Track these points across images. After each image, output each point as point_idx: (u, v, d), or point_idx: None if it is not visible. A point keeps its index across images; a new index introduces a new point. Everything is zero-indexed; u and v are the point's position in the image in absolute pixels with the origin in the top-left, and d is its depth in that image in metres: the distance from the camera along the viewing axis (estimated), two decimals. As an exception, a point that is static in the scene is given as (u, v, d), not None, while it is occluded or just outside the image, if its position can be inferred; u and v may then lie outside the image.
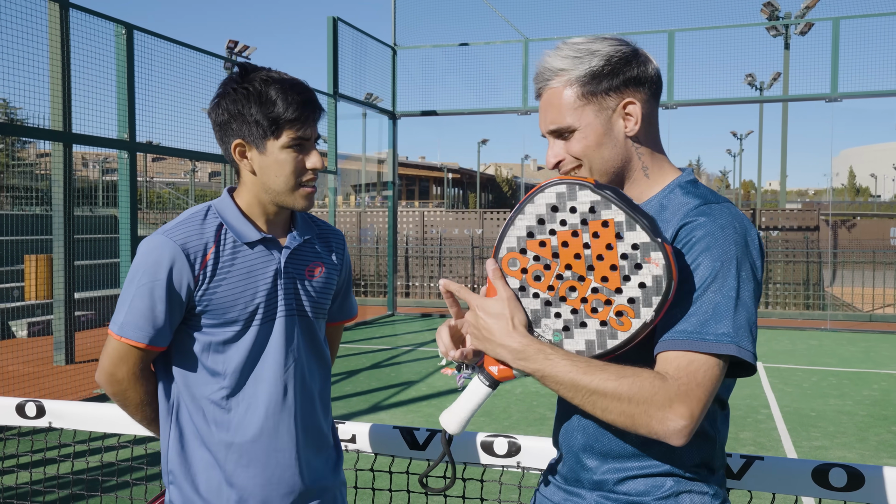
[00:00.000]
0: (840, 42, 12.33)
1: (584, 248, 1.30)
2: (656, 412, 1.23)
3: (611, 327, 1.30)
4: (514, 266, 1.35)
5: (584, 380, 1.27)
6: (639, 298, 1.28)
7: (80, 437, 4.19)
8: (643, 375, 1.26)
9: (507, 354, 1.34)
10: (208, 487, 1.73)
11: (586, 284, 1.31)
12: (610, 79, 1.43)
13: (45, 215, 11.93)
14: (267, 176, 1.72)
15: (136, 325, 1.68)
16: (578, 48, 1.45)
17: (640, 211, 1.29)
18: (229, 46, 27.05)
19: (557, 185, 1.31)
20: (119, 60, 7.86)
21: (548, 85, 1.48)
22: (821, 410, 7.20)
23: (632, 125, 1.44)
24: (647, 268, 1.27)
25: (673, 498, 1.39)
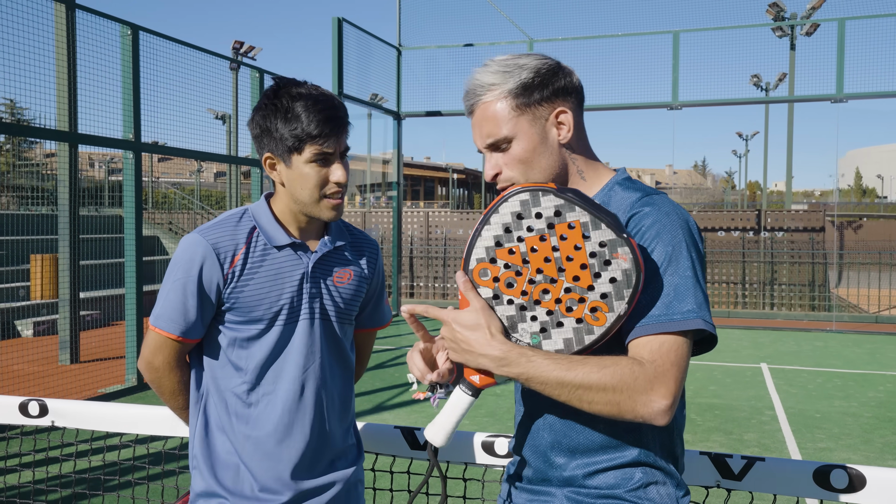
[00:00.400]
0: (846, 42, 12.29)
1: (552, 251, 1.34)
2: (640, 396, 1.29)
3: (586, 323, 1.35)
4: (485, 276, 1.38)
5: (569, 376, 1.31)
6: (611, 293, 1.33)
7: (84, 437, 4.21)
8: (622, 363, 1.31)
9: (489, 363, 1.36)
10: (227, 474, 1.82)
11: (559, 286, 1.35)
12: (540, 90, 1.49)
13: (50, 215, 11.97)
14: (293, 188, 1.79)
15: (170, 317, 1.78)
16: (506, 63, 1.51)
17: (603, 210, 1.35)
18: (235, 47, 27.10)
19: (521, 193, 1.35)
20: (125, 61, 7.89)
21: (480, 100, 1.52)
22: (826, 412, 7.17)
23: (565, 132, 1.51)
24: (616, 263, 1.32)
25: (642, 489, 1.43)
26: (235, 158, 10.72)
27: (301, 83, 1.79)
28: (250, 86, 10.21)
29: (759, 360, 10.00)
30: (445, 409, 1.45)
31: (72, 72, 8.03)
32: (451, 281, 16.71)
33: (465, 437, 2.21)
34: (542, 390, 1.35)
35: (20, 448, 2.80)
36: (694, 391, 7.97)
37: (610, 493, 1.44)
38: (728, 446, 5.96)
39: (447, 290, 16.74)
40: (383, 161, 33.49)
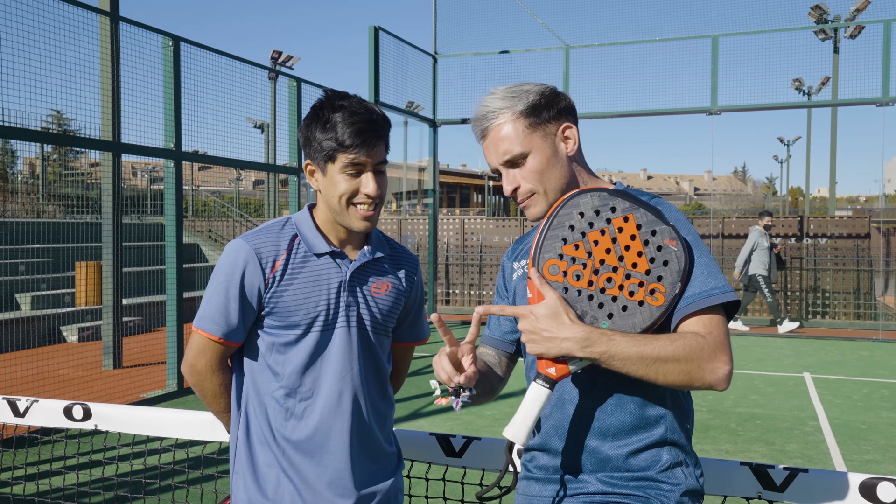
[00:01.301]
0: (892, 44, 12.00)
1: (612, 242, 1.53)
2: (707, 364, 1.48)
3: (648, 304, 1.53)
4: (554, 272, 1.54)
5: (646, 350, 1.47)
6: (666, 274, 1.53)
7: (125, 440, 4.28)
8: (687, 337, 1.50)
9: (572, 345, 1.47)
10: (267, 481, 1.85)
11: (620, 273, 1.53)
12: (548, 109, 1.67)
13: (95, 223, 12.25)
14: (327, 196, 1.84)
15: (212, 319, 1.83)
16: (511, 91, 1.68)
17: (648, 204, 1.56)
18: (273, 57, 27.48)
19: (581, 195, 1.55)
20: (166, 72, 8.04)
21: (493, 124, 1.68)
22: (872, 423, 6.99)
23: (571, 145, 1.68)
24: (667, 248, 1.53)
25: (670, 471, 1.58)
26: (273, 167, 10.85)
27: (347, 96, 1.83)
28: (287, 95, 10.33)
29: (801, 370, 9.79)
30: (524, 406, 1.53)
31: (115, 83, 8.22)
32: (486, 288, 16.67)
33: (502, 444, 2.19)
34: (621, 367, 1.48)
35: (65, 451, 2.86)
36: (734, 400, 7.82)
37: (642, 476, 1.57)
38: (770, 457, 5.83)
39: (483, 297, 16.70)
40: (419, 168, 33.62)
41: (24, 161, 22.61)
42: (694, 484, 1.60)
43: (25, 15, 6.93)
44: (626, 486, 1.57)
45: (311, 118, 1.82)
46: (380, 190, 1.82)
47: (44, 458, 3.87)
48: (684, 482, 1.58)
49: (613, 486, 1.57)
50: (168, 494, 3.98)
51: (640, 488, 1.56)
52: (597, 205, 1.53)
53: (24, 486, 2.82)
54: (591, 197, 1.54)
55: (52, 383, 7.91)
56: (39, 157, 19.48)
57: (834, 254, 15.07)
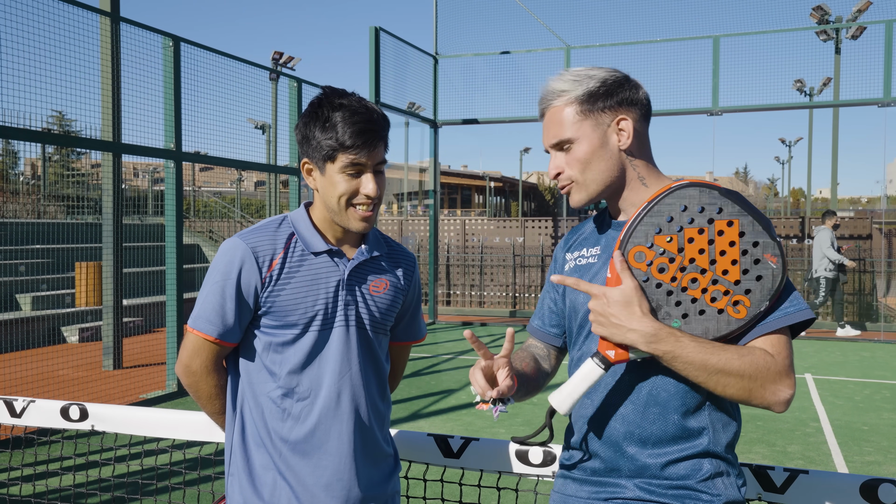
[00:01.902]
0: (893, 45, 11.98)
1: (708, 244, 1.47)
2: (770, 385, 1.46)
3: (727, 314, 1.48)
4: (640, 259, 1.50)
5: (712, 360, 1.45)
6: (755, 290, 1.47)
7: (123, 441, 4.27)
8: (756, 354, 1.47)
9: (637, 338, 1.46)
10: (263, 483, 1.82)
11: (707, 276, 1.48)
12: (605, 98, 1.63)
13: (96, 224, 12.25)
14: (325, 196, 1.81)
15: (208, 319, 1.80)
16: (578, 73, 1.66)
17: (760, 214, 1.48)
18: (274, 58, 27.48)
19: (688, 188, 1.48)
20: (166, 72, 8.04)
21: (551, 105, 1.68)
22: (874, 424, 6.96)
23: (625, 139, 1.63)
24: (765, 263, 1.46)
25: (710, 481, 1.55)
26: (274, 167, 10.85)
27: (346, 94, 1.81)
28: (288, 95, 10.33)
29: (803, 371, 9.77)
30: (574, 379, 1.53)
31: (116, 83, 8.21)
32: (487, 289, 16.65)
33: (500, 445, 2.18)
34: (682, 369, 1.47)
35: (61, 452, 2.85)
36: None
37: (681, 484, 1.55)
38: (771, 458, 5.81)
39: (484, 297, 16.69)
40: (420, 169, 33.62)
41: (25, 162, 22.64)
42: (735, 495, 1.58)
43: (26, 15, 6.93)
44: (664, 493, 1.55)
45: (309, 116, 1.80)
46: (379, 190, 1.80)
47: (41, 458, 3.86)
48: (724, 493, 1.56)
49: (651, 493, 1.56)
50: (165, 496, 3.97)
51: (678, 497, 1.55)
52: (704, 202, 1.47)
53: (21, 487, 2.80)
54: (699, 192, 1.47)
55: (52, 384, 7.90)
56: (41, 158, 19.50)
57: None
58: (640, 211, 1.50)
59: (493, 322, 14.85)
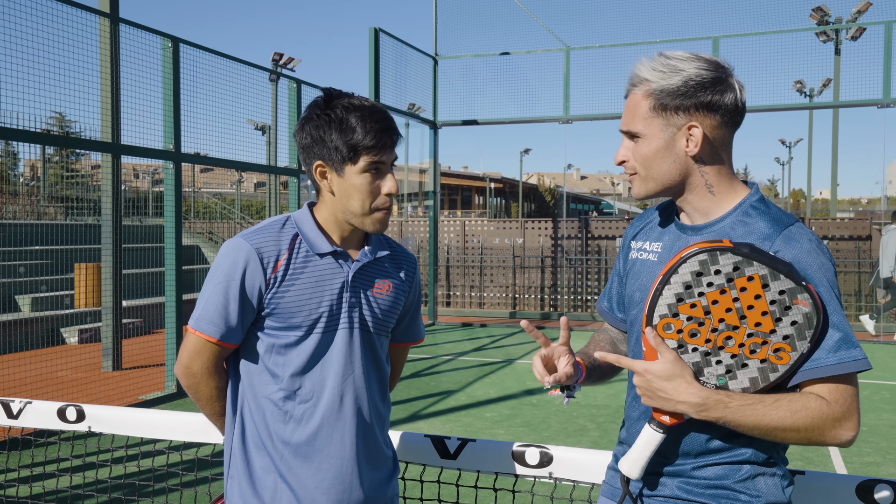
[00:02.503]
0: (892, 46, 11.98)
1: (733, 302, 1.45)
2: (829, 432, 1.45)
3: (770, 363, 1.47)
4: (668, 329, 1.49)
5: (764, 421, 1.44)
6: (793, 335, 1.45)
7: (120, 443, 4.26)
8: (811, 405, 1.45)
9: (688, 409, 1.47)
10: (264, 486, 1.81)
11: (741, 332, 1.46)
12: (682, 99, 1.54)
13: (95, 225, 12.25)
14: (344, 198, 1.80)
15: (210, 320, 1.78)
16: (667, 63, 1.56)
17: (779, 261, 1.45)
18: (275, 59, 27.49)
19: (699, 254, 1.46)
20: (165, 73, 8.04)
21: (632, 91, 1.62)
22: (873, 425, 6.96)
23: (692, 146, 1.55)
24: (797, 308, 1.44)
25: (750, 480, 1.54)
26: (274, 168, 10.85)
27: (351, 95, 1.81)
28: (289, 96, 10.33)
29: (803, 372, 9.76)
30: (638, 446, 1.56)
31: (115, 84, 8.22)
32: (487, 290, 16.64)
33: (497, 446, 2.18)
34: (737, 430, 1.48)
35: (58, 453, 2.85)
36: (735, 403, 7.79)
37: (719, 484, 1.54)
38: (770, 459, 5.81)
39: (483, 299, 16.69)
40: (420, 170, 33.62)
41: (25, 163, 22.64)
42: (778, 496, 1.56)
43: (25, 16, 6.93)
44: (702, 493, 1.56)
45: (320, 119, 1.78)
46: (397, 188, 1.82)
47: (38, 460, 3.86)
48: (765, 493, 1.54)
49: (689, 492, 1.57)
50: (163, 497, 3.96)
51: (714, 497, 1.55)
52: (718, 264, 1.45)
53: (18, 489, 2.80)
54: (708, 256, 1.45)
55: (51, 385, 7.90)
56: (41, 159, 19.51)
57: (835, 255, 15.04)
58: (658, 282, 1.49)
59: (493, 323, 14.84)
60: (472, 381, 8.94)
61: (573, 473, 2.11)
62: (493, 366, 10.00)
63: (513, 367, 9.89)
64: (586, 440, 6.31)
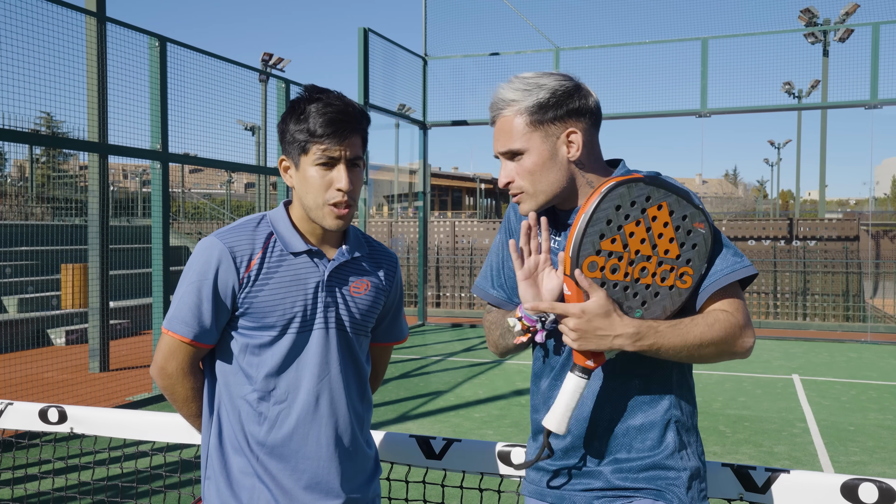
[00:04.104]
0: (880, 47, 12.06)
1: (646, 232, 1.55)
2: (737, 340, 1.59)
3: (677, 288, 1.59)
4: (593, 268, 1.56)
5: (690, 338, 1.55)
6: (694, 258, 1.58)
7: (103, 444, 4.23)
8: (720, 318, 1.58)
9: (624, 341, 1.53)
10: (242, 487, 1.79)
11: (653, 261, 1.57)
12: (555, 109, 1.62)
13: (82, 225, 12.16)
14: (300, 192, 1.77)
15: (183, 320, 1.76)
16: (528, 82, 1.64)
17: (679, 189, 1.57)
18: (264, 59, 27.41)
19: (618, 188, 1.53)
20: (152, 72, 7.99)
21: (501, 114, 1.67)
22: (860, 424, 6.99)
23: (574, 151, 1.64)
24: (696, 231, 1.57)
25: (676, 454, 1.63)
26: (263, 168, 10.81)
27: (327, 91, 1.77)
28: (278, 96, 10.29)
29: (790, 372, 9.80)
30: (562, 398, 1.60)
31: (102, 84, 8.16)
32: (477, 290, 16.63)
33: (483, 446, 2.17)
34: (666, 356, 1.56)
35: (39, 455, 2.81)
36: (723, 402, 7.82)
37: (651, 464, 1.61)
38: (758, 459, 5.82)
39: (473, 299, 16.67)
40: (410, 171, 33.59)
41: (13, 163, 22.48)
42: (696, 463, 1.66)
43: (11, 16, 6.88)
44: (637, 478, 1.61)
45: (287, 111, 1.78)
46: (352, 185, 1.74)
47: (19, 462, 3.82)
48: (689, 465, 1.64)
49: (624, 479, 1.61)
50: (146, 499, 3.93)
51: (650, 479, 1.60)
52: (634, 195, 1.53)
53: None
54: (627, 188, 1.53)
55: (37, 386, 7.83)
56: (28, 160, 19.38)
57: (823, 256, 15.12)
58: (580, 223, 1.54)
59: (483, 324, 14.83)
60: (461, 381, 8.93)
61: (559, 473, 2.09)
62: (482, 366, 10.00)
63: (502, 368, 9.88)
64: (575, 440, 6.30)
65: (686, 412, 1.67)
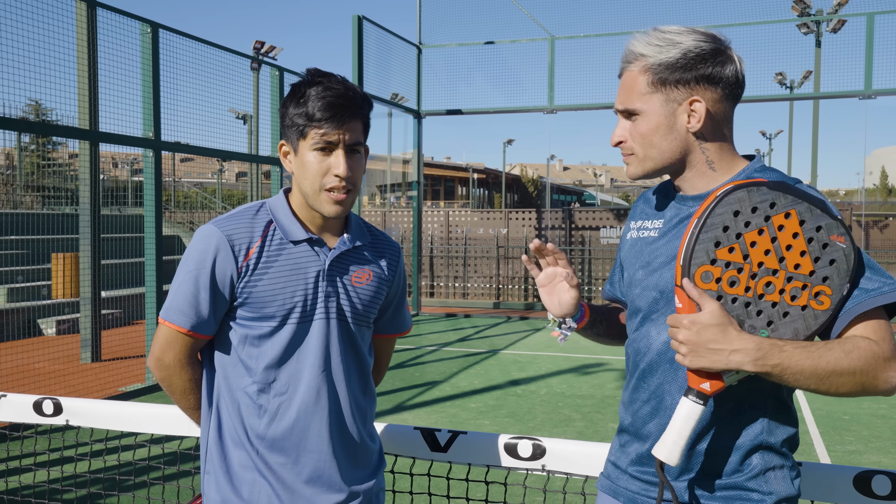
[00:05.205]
0: (875, 38, 12.05)
1: (771, 242, 1.38)
2: (881, 374, 1.38)
3: (811, 309, 1.40)
4: (707, 279, 1.40)
5: (821, 364, 1.35)
6: (832, 275, 1.39)
7: (99, 436, 4.18)
8: (861, 346, 1.38)
9: (742, 358, 1.35)
10: (242, 481, 1.74)
11: (781, 276, 1.39)
12: (682, 72, 1.48)
13: (73, 214, 12.06)
14: (299, 177, 1.73)
15: (181, 310, 1.70)
16: (663, 37, 1.50)
17: (813, 196, 1.39)
18: (256, 47, 27.21)
19: (735, 191, 1.38)
20: (144, 59, 7.89)
21: (627, 67, 1.55)
22: (854, 414, 7.01)
23: (694, 122, 1.49)
24: (834, 245, 1.38)
25: (762, 476, 1.47)
26: (256, 157, 10.72)
27: (329, 74, 1.72)
28: (270, 85, 10.20)
29: (785, 362, 9.83)
30: (675, 425, 1.42)
31: (93, 70, 8.05)
32: (471, 280, 16.62)
33: (489, 438, 2.13)
34: (792, 380, 1.37)
35: (34, 447, 2.77)
36: (719, 392, 7.82)
37: (730, 483, 1.48)
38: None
39: (467, 289, 16.66)
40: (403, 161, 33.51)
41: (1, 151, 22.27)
42: (789, 490, 1.50)
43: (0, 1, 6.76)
44: (713, 496, 1.48)
45: (288, 95, 1.73)
46: (350, 172, 1.69)
47: (13, 454, 3.76)
48: (777, 490, 1.48)
49: (700, 496, 1.49)
50: (143, 491, 3.89)
51: (727, 499, 1.47)
52: (755, 201, 1.37)
53: (-6, 484, 2.72)
54: (747, 192, 1.37)
55: (28, 377, 7.77)
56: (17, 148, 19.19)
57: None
58: (693, 227, 1.40)
59: (477, 314, 14.83)
60: (456, 371, 8.91)
61: (566, 465, 2.06)
62: (477, 356, 9.98)
63: (497, 358, 9.87)
64: (572, 430, 6.29)
65: (780, 438, 1.50)
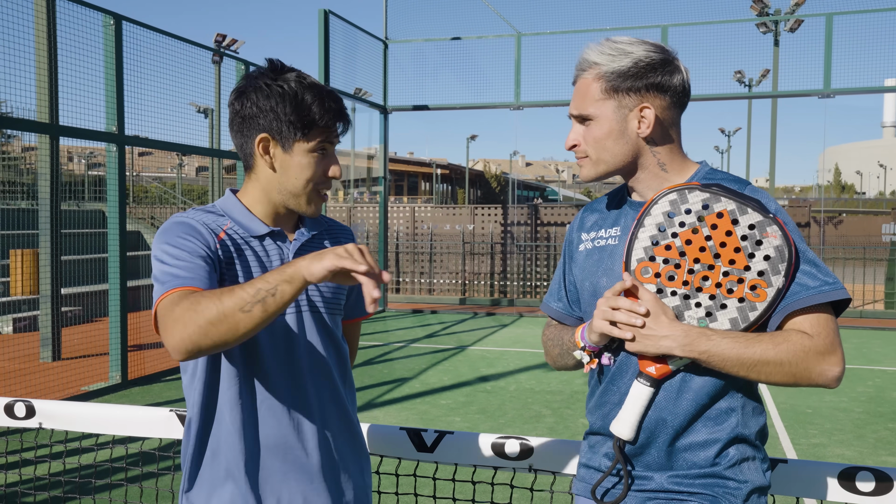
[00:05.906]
0: (833, 38, 12.32)
1: (706, 240, 1.49)
2: (816, 367, 1.46)
3: (749, 301, 1.48)
4: (646, 273, 1.52)
5: (747, 353, 1.45)
6: (767, 269, 1.47)
7: (67, 437, 4.08)
8: (793, 339, 1.46)
9: (671, 343, 1.47)
10: (224, 493, 1.69)
11: (717, 271, 1.49)
12: (633, 80, 1.57)
13: (30, 209, 11.74)
14: (285, 175, 1.70)
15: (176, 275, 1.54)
16: (616, 47, 1.59)
17: (746, 196, 1.49)
18: (217, 40, 26.78)
19: (669, 194, 1.51)
20: (107, 52, 7.71)
21: (582, 75, 1.64)
22: (817, 407, 7.18)
23: (644, 128, 1.59)
24: (768, 241, 1.47)
25: (737, 467, 1.54)
26: (219, 152, 10.57)
27: (297, 70, 1.72)
28: (235, 78, 10.05)
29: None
30: (627, 404, 1.54)
31: (52, 62, 7.85)
32: (437, 276, 16.62)
33: (475, 438, 2.13)
34: (721, 366, 1.47)
35: (6, 448, 2.69)
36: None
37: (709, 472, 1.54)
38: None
39: (433, 285, 16.66)
40: (368, 156, 33.33)
41: (-48, 144, 21.58)
42: (761, 480, 1.58)
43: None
44: (693, 483, 1.54)
45: (271, 90, 1.67)
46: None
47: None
48: (751, 479, 1.55)
49: (679, 484, 1.55)
50: (118, 492, 3.80)
51: (706, 486, 1.53)
52: (688, 202, 1.48)
53: (-40, 489, 2.64)
54: (677, 195, 1.49)
55: (-14, 377, 7.55)
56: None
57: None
58: (633, 228, 1.52)
59: (444, 310, 14.83)
60: (425, 368, 8.90)
61: (554, 465, 2.07)
62: (445, 352, 9.98)
63: (465, 354, 9.88)
64: (542, 426, 6.33)
65: (754, 430, 1.58)
